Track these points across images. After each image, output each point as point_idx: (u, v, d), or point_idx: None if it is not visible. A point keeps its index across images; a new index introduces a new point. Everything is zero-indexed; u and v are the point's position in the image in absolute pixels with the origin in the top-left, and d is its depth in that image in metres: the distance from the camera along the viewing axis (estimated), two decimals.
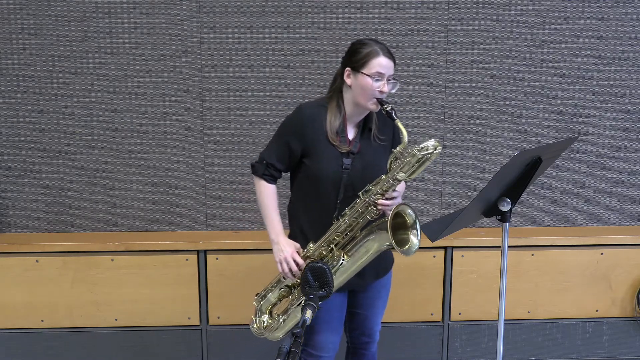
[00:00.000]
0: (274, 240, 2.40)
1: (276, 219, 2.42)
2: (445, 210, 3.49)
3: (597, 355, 3.50)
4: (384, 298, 2.60)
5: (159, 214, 3.42)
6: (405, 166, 2.22)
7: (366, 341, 2.64)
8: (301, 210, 2.44)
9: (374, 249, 2.29)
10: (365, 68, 2.26)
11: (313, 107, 2.38)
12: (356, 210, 2.29)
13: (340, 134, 2.33)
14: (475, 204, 2.21)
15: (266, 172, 2.42)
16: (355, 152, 2.35)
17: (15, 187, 3.37)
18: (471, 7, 3.31)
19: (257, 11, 3.26)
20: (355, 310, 2.57)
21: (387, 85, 2.27)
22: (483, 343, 3.45)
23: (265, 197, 2.43)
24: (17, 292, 3.27)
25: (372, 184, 2.28)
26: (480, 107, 3.41)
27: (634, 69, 3.41)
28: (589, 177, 3.51)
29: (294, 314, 2.42)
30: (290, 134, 2.37)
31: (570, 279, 3.40)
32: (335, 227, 2.32)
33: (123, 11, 3.24)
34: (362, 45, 2.30)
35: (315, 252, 2.35)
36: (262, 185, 2.43)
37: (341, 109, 2.34)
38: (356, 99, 2.31)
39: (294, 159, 2.39)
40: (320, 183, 2.34)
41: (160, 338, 3.35)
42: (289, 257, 2.35)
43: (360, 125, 2.40)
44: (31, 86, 3.29)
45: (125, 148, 3.36)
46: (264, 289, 2.52)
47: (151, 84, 3.31)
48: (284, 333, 2.50)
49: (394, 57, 2.31)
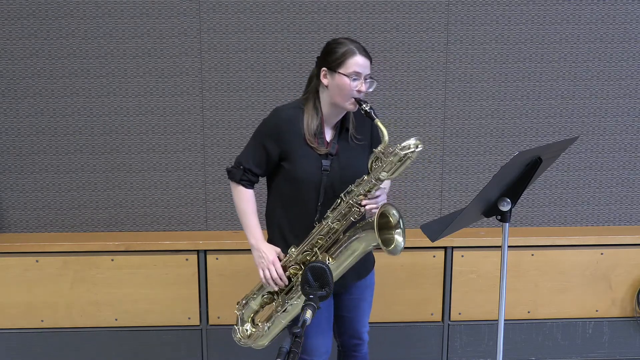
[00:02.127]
0: (254, 245, 2.36)
1: (255, 224, 2.38)
2: (445, 210, 3.49)
3: (597, 355, 3.50)
4: (369, 299, 2.57)
5: (159, 214, 3.42)
6: (387, 165, 2.19)
7: (356, 343, 2.61)
8: (280, 215, 2.39)
9: (360, 249, 2.26)
10: (342, 68, 2.22)
11: (289, 109, 2.33)
12: (339, 212, 2.25)
13: (318, 136, 2.29)
14: (475, 204, 2.21)
15: (244, 177, 2.36)
16: (334, 154, 2.31)
17: (15, 187, 3.37)
18: (471, 7, 3.31)
19: (257, 11, 3.26)
20: (341, 313, 2.53)
21: (364, 85, 2.24)
22: (483, 343, 3.45)
23: (244, 202, 2.38)
24: (17, 292, 3.27)
25: (354, 185, 2.24)
26: (480, 107, 3.41)
27: (634, 69, 3.41)
28: (589, 177, 3.51)
29: (278, 320, 2.38)
30: (267, 137, 2.31)
31: (570, 279, 3.40)
32: (318, 230, 2.28)
33: (123, 11, 3.24)
34: (338, 45, 2.26)
35: (297, 257, 2.31)
36: (239, 190, 2.38)
37: (318, 110, 2.31)
38: (333, 99, 2.27)
39: (272, 162, 2.34)
40: (300, 186, 2.30)
41: (160, 338, 3.35)
42: (270, 263, 2.32)
43: (338, 126, 2.36)
44: (31, 86, 3.29)
45: (125, 148, 3.36)
46: (245, 297, 2.48)
47: (151, 84, 3.31)
48: (269, 341, 2.46)
49: (370, 56, 2.27)
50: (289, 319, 2.36)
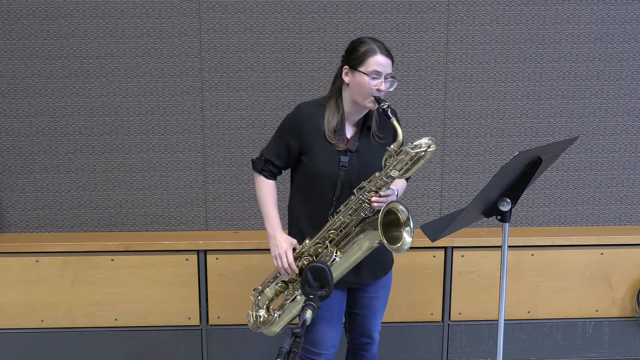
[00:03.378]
0: (271, 235, 2.43)
1: (274, 214, 2.45)
2: (445, 210, 3.49)
3: (597, 355, 3.50)
4: (384, 299, 2.60)
5: (159, 214, 3.42)
6: (398, 164, 2.22)
7: (366, 342, 2.64)
8: (299, 207, 2.46)
9: (365, 246, 2.31)
10: (362, 66, 2.26)
11: (312, 106, 2.39)
12: (350, 207, 2.30)
13: (337, 132, 2.34)
14: (475, 204, 2.21)
15: (265, 168, 2.44)
16: (353, 150, 2.36)
17: (15, 187, 3.37)
18: (471, 7, 3.31)
19: (257, 11, 3.26)
20: (354, 310, 2.58)
21: (384, 84, 2.27)
22: (483, 343, 3.45)
23: (264, 192, 2.45)
24: (17, 292, 3.27)
25: (367, 181, 2.29)
26: (480, 107, 3.41)
27: (634, 69, 3.41)
28: (589, 177, 3.51)
29: (289, 309, 2.46)
30: (288, 132, 2.39)
31: (570, 279, 3.40)
32: (330, 224, 2.34)
33: (123, 11, 3.24)
34: (360, 44, 2.30)
35: (310, 248, 2.37)
36: (261, 180, 2.46)
37: (339, 108, 2.36)
38: (354, 97, 2.31)
39: (292, 156, 2.41)
40: (317, 180, 2.36)
41: (160, 338, 3.35)
42: (282, 252, 2.37)
43: (360, 124, 2.40)
44: (31, 86, 3.29)
45: (125, 148, 3.36)
46: (261, 285, 2.54)
47: (151, 84, 3.31)
48: (280, 328, 2.53)
49: (392, 56, 2.31)
50: (298, 308, 2.43)
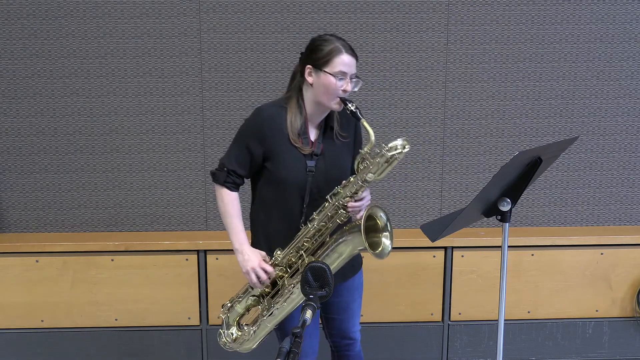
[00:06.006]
0: (238, 249, 2.31)
1: (239, 227, 2.33)
2: (445, 210, 3.49)
3: (597, 355, 3.50)
4: (358, 300, 2.53)
5: (159, 214, 3.42)
6: (374, 167, 2.14)
7: (348, 343, 2.58)
8: (265, 217, 2.34)
9: (347, 252, 2.21)
10: (327, 66, 2.16)
11: (272, 108, 2.27)
12: (325, 214, 2.21)
13: (302, 135, 2.24)
14: (475, 204, 2.21)
15: (228, 180, 2.31)
16: (319, 154, 2.26)
17: (15, 187, 3.37)
18: (471, 7, 3.31)
19: (257, 11, 3.26)
20: (330, 315, 2.51)
21: (350, 84, 2.18)
22: (483, 343, 3.45)
23: (228, 205, 2.33)
24: (17, 292, 3.27)
25: (341, 186, 2.20)
26: (480, 107, 3.41)
27: (634, 69, 3.41)
28: (589, 177, 3.51)
29: (264, 324, 2.34)
30: (250, 138, 2.25)
31: (570, 279, 3.40)
32: (304, 233, 2.23)
33: (123, 11, 3.24)
34: (324, 42, 2.19)
35: (283, 260, 2.28)
36: (224, 193, 2.33)
37: (302, 109, 2.25)
38: (318, 98, 2.21)
39: (256, 163, 2.28)
40: (285, 188, 2.25)
41: (160, 338, 3.35)
42: (256, 266, 2.26)
43: (322, 125, 2.30)
44: (31, 86, 3.29)
45: (125, 148, 3.36)
46: (230, 301, 2.44)
47: (151, 84, 3.31)
48: (256, 344, 2.41)
49: (356, 54, 2.22)
50: (275, 322, 2.33)
